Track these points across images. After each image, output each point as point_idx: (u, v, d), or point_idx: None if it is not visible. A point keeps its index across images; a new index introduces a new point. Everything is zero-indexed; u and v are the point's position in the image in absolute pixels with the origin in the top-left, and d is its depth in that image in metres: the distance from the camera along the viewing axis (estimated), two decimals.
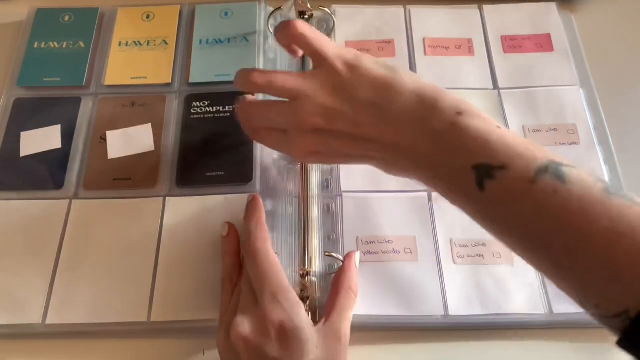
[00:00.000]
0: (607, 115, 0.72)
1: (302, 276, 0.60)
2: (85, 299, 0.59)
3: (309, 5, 0.77)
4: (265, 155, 0.68)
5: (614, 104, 0.74)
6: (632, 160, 0.70)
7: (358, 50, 0.77)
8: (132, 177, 0.67)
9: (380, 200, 0.66)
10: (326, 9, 0.78)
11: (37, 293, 0.59)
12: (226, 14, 0.79)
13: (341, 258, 0.60)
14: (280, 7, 0.77)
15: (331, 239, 0.63)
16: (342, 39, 0.78)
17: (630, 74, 0.78)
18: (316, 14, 0.78)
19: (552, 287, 0.60)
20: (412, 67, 0.76)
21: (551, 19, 0.80)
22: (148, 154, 0.68)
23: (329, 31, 0.78)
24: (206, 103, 0.72)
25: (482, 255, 0.62)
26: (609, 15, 0.84)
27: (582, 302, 0.45)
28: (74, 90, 0.73)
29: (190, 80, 0.73)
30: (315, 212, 0.65)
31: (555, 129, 0.71)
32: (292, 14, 0.78)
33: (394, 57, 0.77)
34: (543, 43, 0.78)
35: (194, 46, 0.76)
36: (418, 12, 0.81)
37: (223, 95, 0.72)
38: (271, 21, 0.77)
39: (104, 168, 0.67)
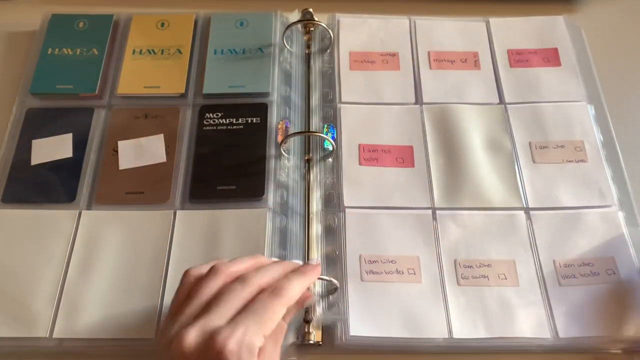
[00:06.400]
0: (617, 130, 0.67)
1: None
2: (93, 313, 0.54)
3: (315, 19, 0.72)
4: (280, 170, 0.63)
5: (624, 119, 0.69)
6: None
7: (362, 61, 0.73)
8: (145, 190, 0.62)
9: (383, 217, 0.61)
10: (323, 24, 0.72)
11: (45, 306, 0.55)
12: (242, 24, 0.73)
13: (334, 280, 0.55)
14: (297, 22, 0.71)
15: (333, 257, 0.58)
16: (346, 49, 0.73)
17: None
18: (319, 27, 0.73)
19: (559, 311, 0.55)
20: (417, 80, 0.70)
21: (558, 33, 0.75)
22: (159, 165, 0.63)
23: (328, 45, 0.73)
24: (219, 114, 0.67)
25: (487, 276, 0.57)
26: (618, 27, 0.78)
27: None
28: (87, 100, 0.68)
29: (204, 91, 0.68)
30: (316, 228, 0.60)
31: (562, 146, 0.66)
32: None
33: (399, 70, 0.71)
34: (550, 57, 0.73)
35: (208, 56, 0.71)
36: (423, 24, 0.75)
37: (236, 107, 0.67)
38: (287, 34, 0.71)
39: (116, 181, 0.62)
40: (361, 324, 0.54)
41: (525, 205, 0.62)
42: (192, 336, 0.41)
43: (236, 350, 0.41)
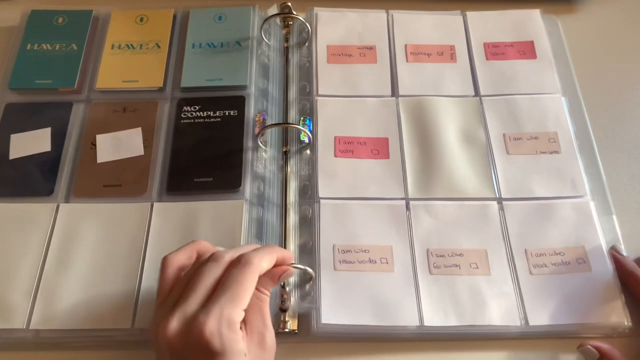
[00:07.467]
0: (592, 122, 0.68)
1: (283, 286, 0.56)
2: (70, 304, 0.55)
3: (293, 12, 0.72)
4: (257, 161, 0.64)
5: (599, 110, 0.69)
6: (616, 168, 0.66)
7: (340, 55, 0.74)
8: (122, 183, 0.62)
9: (357, 207, 0.61)
10: (300, 18, 0.73)
11: (22, 298, 0.55)
12: (220, 18, 0.73)
13: (308, 269, 0.55)
14: (274, 15, 0.72)
15: (307, 247, 0.59)
16: (323, 43, 0.73)
17: (616, 81, 0.73)
18: (297, 21, 0.73)
19: (528, 299, 0.56)
20: (394, 73, 0.71)
21: (534, 26, 0.75)
22: (137, 158, 0.64)
23: (306, 38, 0.73)
24: (197, 108, 0.67)
25: (459, 265, 0.58)
26: (595, 21, 0.78)
27: None
28: (66, 95, 0.68)
29: (182, 85, 0.68)
30: (293, 219, 0.61)
31: (536, 137, 0.66)
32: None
33: (376, 64, 0.72)
34: (526, 50, 0.73)
35: (186, 50, 0.71)
36: (400, 18, 0.75)
37: (214, 100, 0.67)
38: (265, 27, 0.72)
39: (94, 175, 0.62)
40: (333, 312, 0.54)
41: (498, 196, 0.62)
42: (174, 325, 0.43)
43: (216, 329, 0.42)
